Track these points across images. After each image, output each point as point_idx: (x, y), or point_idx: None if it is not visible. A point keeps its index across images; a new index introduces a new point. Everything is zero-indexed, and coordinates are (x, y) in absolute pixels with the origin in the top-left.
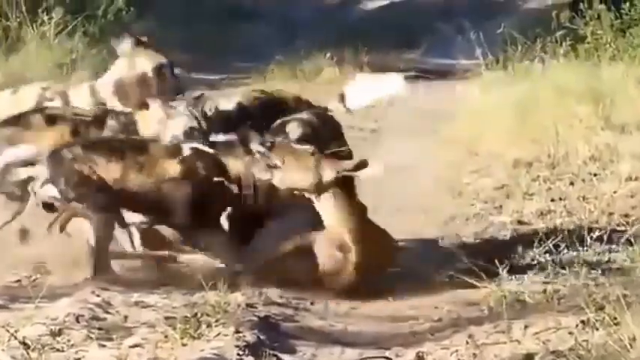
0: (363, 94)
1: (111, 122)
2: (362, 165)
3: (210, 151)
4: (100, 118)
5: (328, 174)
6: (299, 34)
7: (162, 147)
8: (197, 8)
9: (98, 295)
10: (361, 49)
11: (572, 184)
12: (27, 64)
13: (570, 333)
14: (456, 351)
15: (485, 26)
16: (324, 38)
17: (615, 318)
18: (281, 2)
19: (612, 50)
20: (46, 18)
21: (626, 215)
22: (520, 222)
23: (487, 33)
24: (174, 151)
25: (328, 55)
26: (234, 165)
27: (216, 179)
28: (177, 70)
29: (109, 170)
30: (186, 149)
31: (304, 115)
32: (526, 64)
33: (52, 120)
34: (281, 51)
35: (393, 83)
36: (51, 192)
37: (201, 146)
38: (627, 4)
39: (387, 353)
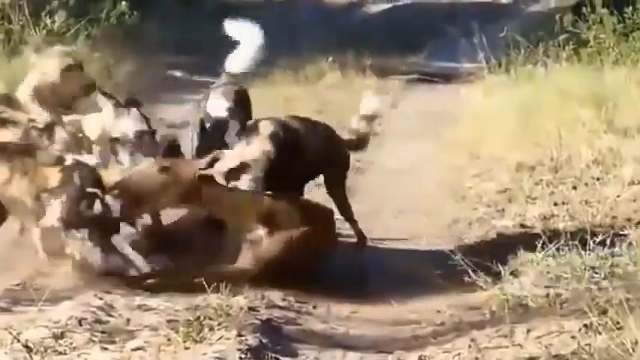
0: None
1: (60, 132)
2: (214, 160)
3: (90, 163)
4: (50, 127)
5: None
6: (301, 37)
7: (48, 156)
8: (199, 11)
9: (101, 298)
10: (364, 52)
11: (574, 187)
12: (29, 67)
13: (573, 337)
14: (458, 355)
15: (489, 30)
16: (327, 42)
17: (618, 322)
18: (283, 5)
19: (615, 54)
20: (49, 21)
21: (629, 219)
22: (523, 226)
23: (490, 37)
24: (57, 161)
25: (330, 59)
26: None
27: (89, 190)
28: (179, 73)
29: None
30: (69, 159)
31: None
32: (529, 68)
33: (2, 123)
34: (283, 54)
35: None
36: None
37: (83, 158)
38: (630, 8)
39: (389, 357)
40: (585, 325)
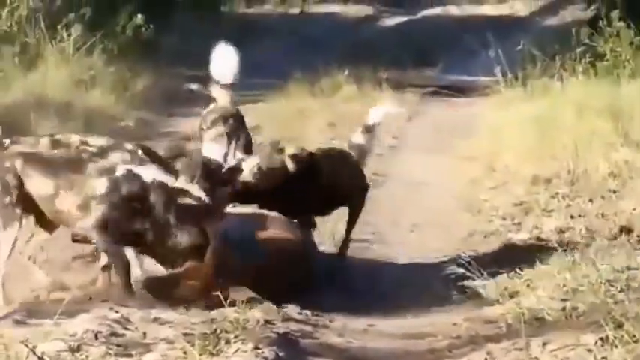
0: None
1: (114, 156)
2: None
3: (143, 175)
4: (105, 151)
5: None
6: (317, 50)
7: (99, 167)
8: (215, 24)
9: (117, 312)
10: (380, 65)
11: (591, 201)
12: (46, 81)
13: (589, 350)
14: None
15: (505, 43)
16: (343, 55)
17: (634, 335)
18: (300, 19)
19: (631, 67)
20: (65, 34)
21: None
22: (539, 239)
23: (506, 50)
24: (108, 170)
25: (346, 71)
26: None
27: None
28: (195, 86)
29: (42, 187)
30: (121, 169)
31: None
32: (545, 82)
33: (55, 145)
34: (299, 68)
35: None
36: None
37: (135, 168)
38: None
39: None
40: (601, 339)
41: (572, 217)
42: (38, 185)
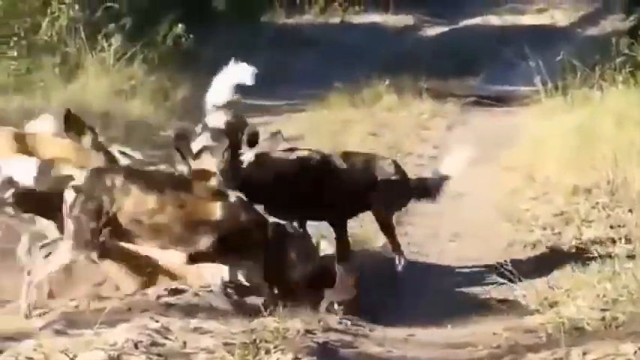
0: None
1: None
2: None
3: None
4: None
5: None
6: (358, 60)
7: (206, 188)
8: (256, 34)
9: (157, 321)
10: (420, 75)
11: (630, 210)
12: (86, 91)
13: None
14: None
15: (545, 54)
16: (383, 65)
17: None
18: (340, 29)
19: None
20: (105, 44)
21: None
22: (579, 249)
23: (546, 60)
24: (219, 195)
25: (387, 81)
26: None
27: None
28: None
29: (143, 202)
30: (232, 197)
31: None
32: (585, 91)
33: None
34: (340, 78)
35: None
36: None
37: (243, 196)
38: None
39: None
40: None
41: (612, 227)
42: (138, 200)
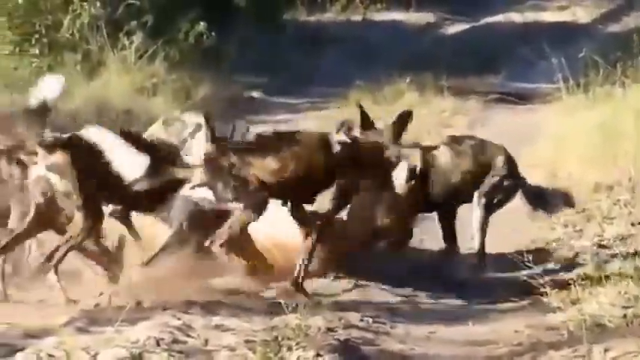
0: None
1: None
2: None
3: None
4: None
5: None
6: (379, 58)
7: (312, 138)
8: (278, 32)
9: (179, 319)
10: (442, 73)
11: None
12: (108, 88)
13: None
14: None
15: (567, 50)
16: (405, 62)
17: None
18: (362, 27)
19: None
20: (126, 42)
21: None
22: (601, 246)
23: (568, 57)
24: (325, 143)
25: (408, 79)
26: None
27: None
28: (257, 94)
29: (266, 166)
30: (336, 145)
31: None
32: (607, 88)
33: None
34: (361, 76)
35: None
36: (201, 194)
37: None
38: None
39: None
40: None
41: (633, 224)
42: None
